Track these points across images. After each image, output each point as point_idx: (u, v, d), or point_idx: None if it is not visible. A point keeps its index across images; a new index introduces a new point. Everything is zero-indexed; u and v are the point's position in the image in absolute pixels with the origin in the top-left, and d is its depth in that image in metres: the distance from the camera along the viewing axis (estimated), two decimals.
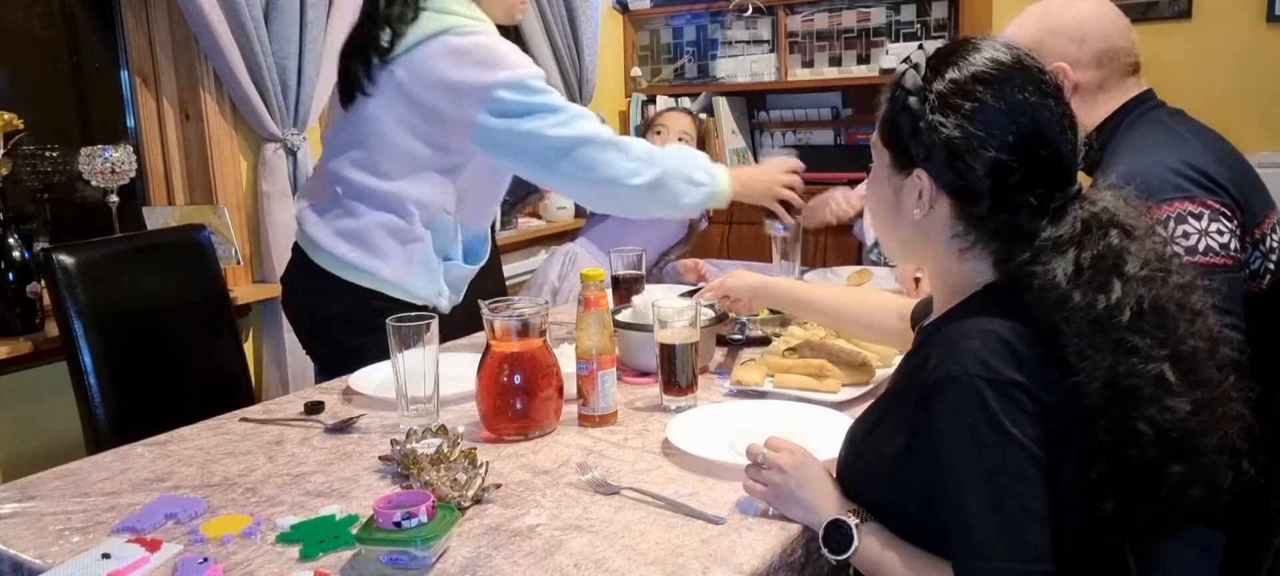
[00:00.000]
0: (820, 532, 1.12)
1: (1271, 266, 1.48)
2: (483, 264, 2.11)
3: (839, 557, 1.10)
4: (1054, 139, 1.04)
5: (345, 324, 1.91)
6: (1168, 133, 1.52)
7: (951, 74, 1.05)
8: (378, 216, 1.90)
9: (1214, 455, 1.01)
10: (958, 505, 0.98)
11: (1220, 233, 1.39)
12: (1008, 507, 0.96)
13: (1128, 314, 0.98)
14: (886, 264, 2.44)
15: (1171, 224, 1.39)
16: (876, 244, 2.52)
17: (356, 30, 1.91)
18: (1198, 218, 1.39)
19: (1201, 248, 1.38)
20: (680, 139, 2.80)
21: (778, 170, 2.00)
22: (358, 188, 1.90)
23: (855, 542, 1.09)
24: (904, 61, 1.10)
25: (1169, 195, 1.41)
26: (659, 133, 2.85)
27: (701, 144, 2.85)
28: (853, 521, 1.10)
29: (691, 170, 1.89)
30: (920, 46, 1.13)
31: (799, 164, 2.01)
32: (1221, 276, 1.37)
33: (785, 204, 2.03)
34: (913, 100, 1.06)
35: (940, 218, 1.08)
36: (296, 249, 2.02)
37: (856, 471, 1.17)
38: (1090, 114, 1.59)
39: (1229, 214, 1.41)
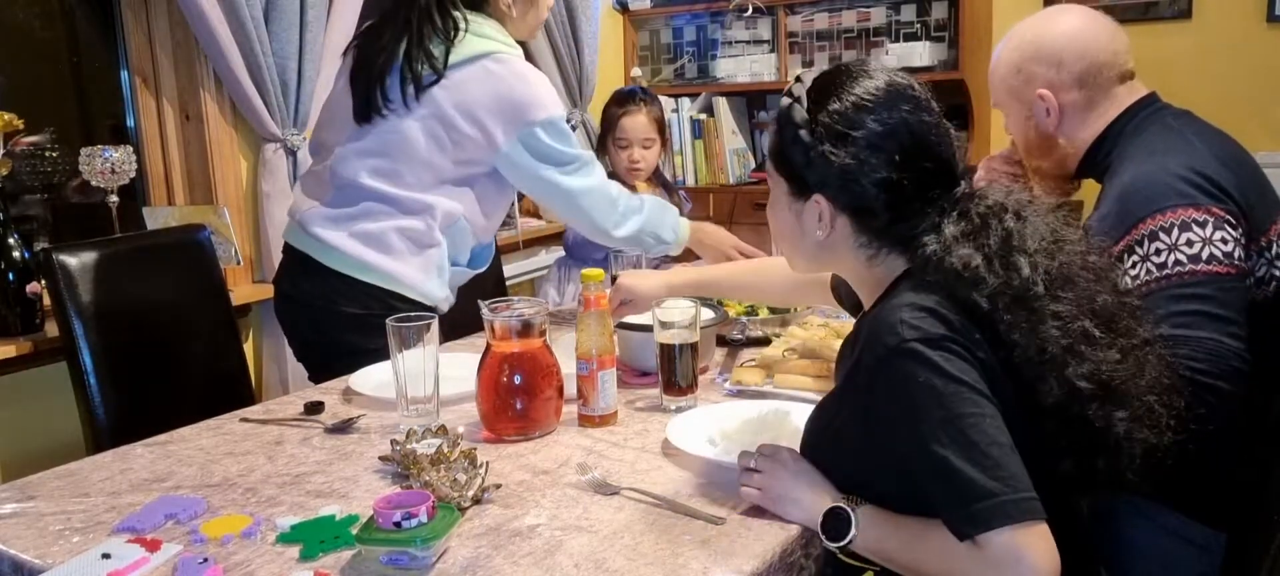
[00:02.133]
0: (819, 524, 1.13)
1: (1278, 273, 1.46)
2: (485, 269, 2.15)
3: (840, 544, 1.11)
4: (934, 148, 1.13)
5: (357, 324, 1.92)
6: (1174, 137, 1.50)
7: (834, 105, 1.13)
8: (398, 221, 1.93)
9: (1150, 394, 1.09)
10: (930, 461, 1.00)
11: (1224, 241, 1.37)
12: (977, 444, 0.99)
13: (1041, 284, 1.06)
14: None
15: (1176, 232, 1.37)
16: None
17: (371, 49, 1.92)
18: (1202, 225, 1.38)
19: (1205, 255, 1.36)
20: (644, 146, 2.74)
21: (730, 240, 2.19)
22: (379, 194, 1.92)
23: (853, 527, 1.10)
24: (787, 94, 1.18)
25: (1173, 202, 1.39)
26: (622, 146, 2.74)
27: (663, 134, 2.82)
28: (849, 507, 1.11)
29: (662, 229, 2.11)
30: (798, 78, 1.19)
31: (752, 250, 2.16)
32: (1225, 284, 1.35)
33: None
34: (802, 133, 1.14)
35: (843, 233, 1.17)
36: (293, 252, 2.02)
37: (824, 468, 1.19)
38: (1083, 130, 1.58)
39: (1233, 221, 1.39)
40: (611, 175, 2.79)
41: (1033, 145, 1.65)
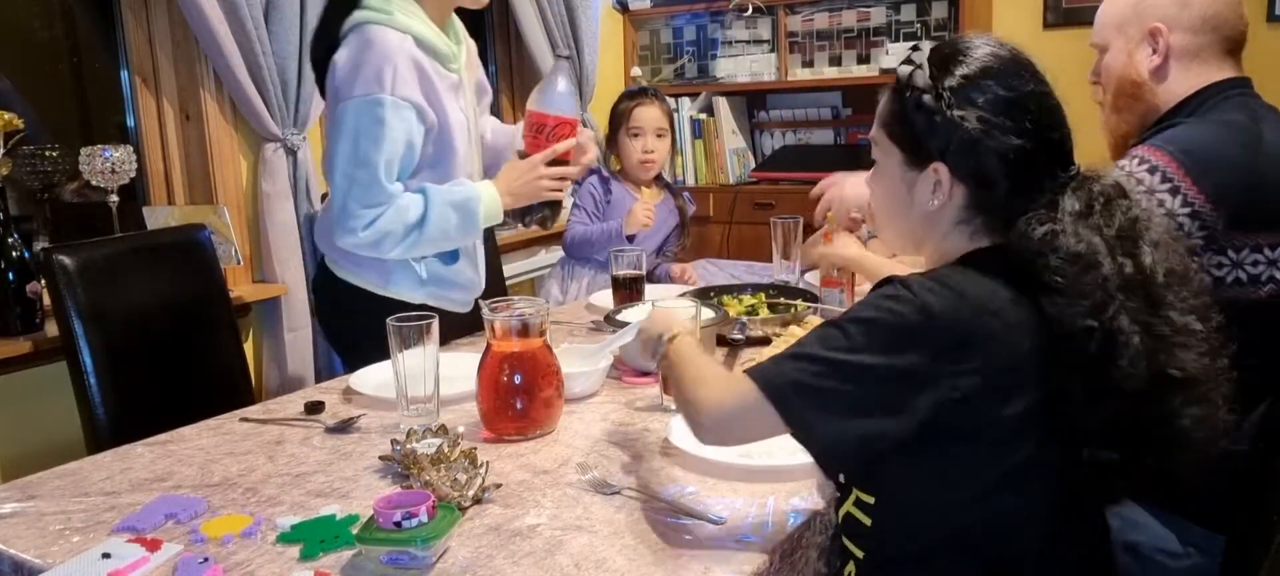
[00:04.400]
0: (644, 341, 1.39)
1: (1278, 275, 1.45)
2: (457, 265, 2.06)
3: (656, 355, 1.36)
4: (1060, 122, 1.12)
5: (366, 321, 1.93)
6: (1228, 118, 1.48)
7: (960, 70, 1.10)
8: None
9: (1221, 401, 1.08)
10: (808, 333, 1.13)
11: (1163, 203, 1.39)
12: (819, 357, 1.07)
13: (1161, 275, 1.05)
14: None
15: (1135, 161, 1.42)
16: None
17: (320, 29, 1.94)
18: (1152, 172, 1.42)
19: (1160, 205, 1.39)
20: (658, 135, 2.74)
21: (530, 166, 1.94)
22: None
23: (661, 347, 1.33)
24: (906, 63, 1.15)
25: (1169, 148, 1.43)
26: (634, 135, 2.73)
27: (672, 129, 2.81)
28: (669, 332, 1.34)
29: (451, 229, 1.89)
30: (916, 48, 1.17)
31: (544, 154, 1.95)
32: None
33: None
34: (927, 98, 1.11)
35: (955, 205, 1.13)
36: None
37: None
38: (1181, 82, 1.55)
39: (1196, 202, 1.40)
40: (619, 172, 2.78)
41: (1125, 86, 1.60)
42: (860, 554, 1.14)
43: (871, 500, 1.11)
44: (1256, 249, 1.44)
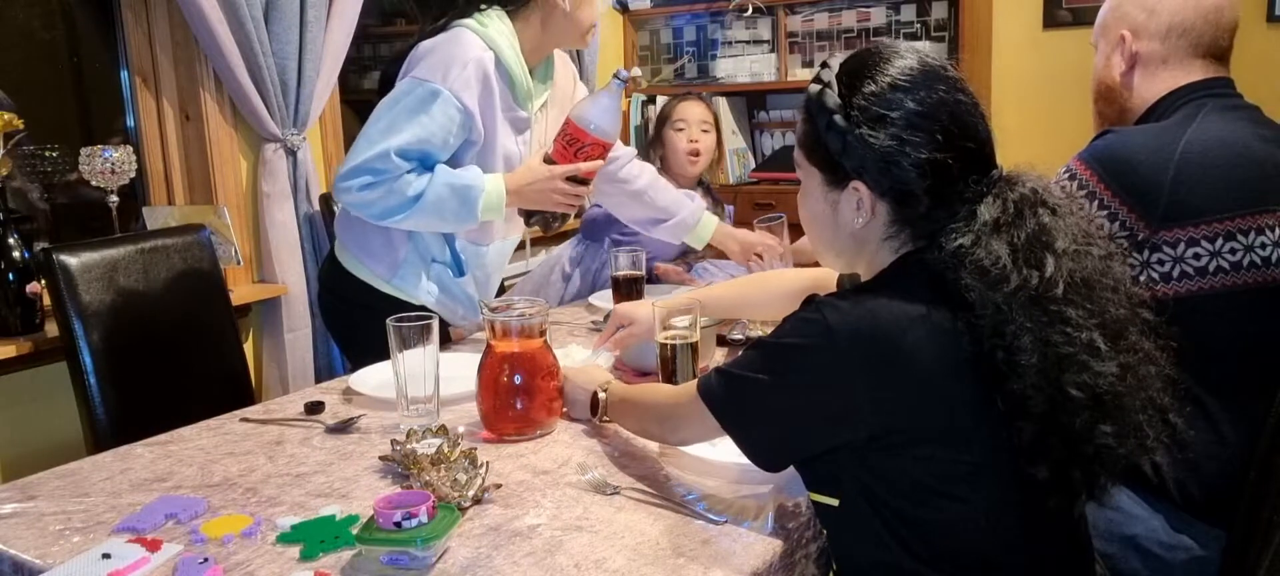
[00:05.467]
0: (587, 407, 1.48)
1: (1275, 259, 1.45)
2: (464, 279, 2.07)
3: (598, 416, 1.48)
4: (974, 127, 1.11)
5: (366, 314, 1.95)
6: (1176, 123, 1.48)
7: (869, 87, 1.10)
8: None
9: (1140, 414, 1.07)
10: (744, 354, 1.16)
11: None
12: (758, 382, 1.12)
13: (1061, 287, 1.03)
14: None
15: (1075, 185, 1.45)
16: None
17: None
18: (1072, 179, 1.46)
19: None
20: (702, 129, 2.71)
21: (548, 176, 1.92)
22: None
23: (601, 405, 1.46)
24: (815, 82, 1.16)
25: (1084, 156, 1.46)
26: (679, 128, 2.70)
27: (718, 129, 2.79)
28: (598, 388, 1.47)
29: (445, 212, 1.87)
30: (825, 65, 1.17)
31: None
32: None
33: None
34: (837, 118, 1.11)
35: (879, 221, 1.13)
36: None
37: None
38: (1149, 87, 1.56)
39: (1126, 220, 1.42)
40: (662, 170, 2.72)
41: (1101, 88, 1.64)
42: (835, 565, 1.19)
43: (834, 503, 1.13)
44: (1192, 242, 1.42)
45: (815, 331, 1.07)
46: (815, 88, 1.15)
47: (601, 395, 1.47)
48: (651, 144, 2.81)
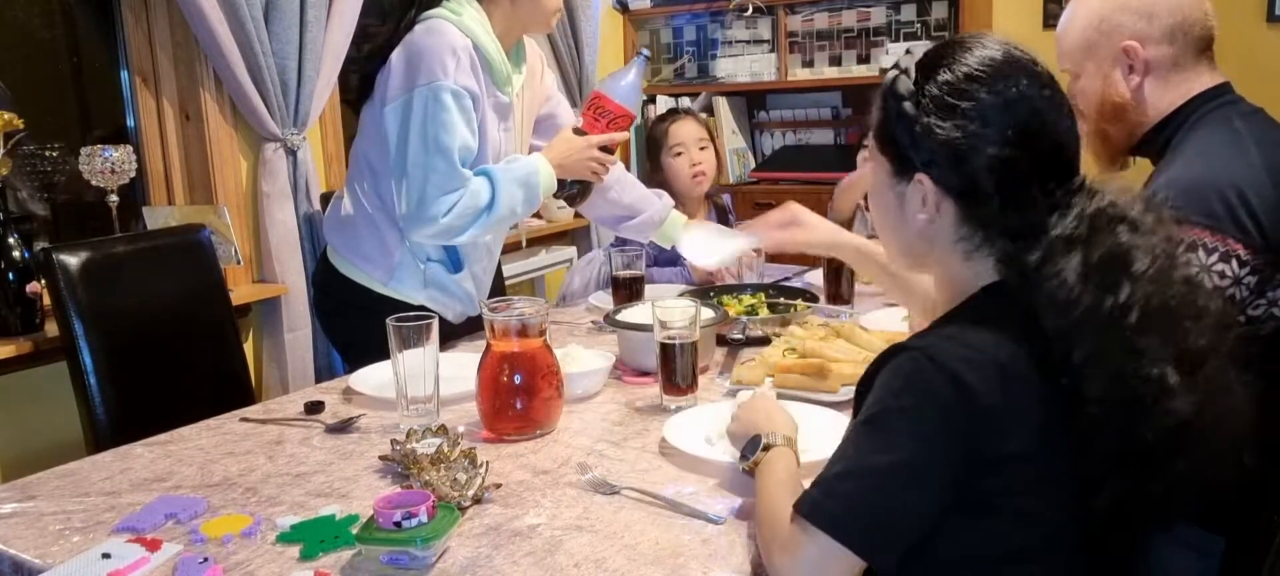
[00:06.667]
0: (743, 444, 1.23)
1: (1277, 314, 1.40)
2: (459, 276, 2.07)
3: (743, 463, 1.21)
4: (1054, 127, 1.03)
5: (364, 317, 1.94)
6: (1232, 142, 1.43)
7: (944, 76, 1.04)
8: (362, 213, 1.99)
9: (1215, 451, 1.00)
10: (842, 445, 1.02)
11: (1222, 275, 1.33)
12: (874, 466, 0.97)
13: (1135, 314, 0.96)
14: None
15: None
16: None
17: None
18: (1209, 252, 1.34)
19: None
20: (701, 147, 2.66)
21: (586, 145, 1.99)
22: (351, 187, 2.00)
23: (757, 451, 1.19)
24: (893, 67, 1.10)
25: (1196, 218, 1.34)
26: (677, 153, 2.64)
27: (713, 138, 2.76)
28: (769, 437, 1.19)
29: (517, 206, 1.92)
30: (908, 51, 1.11)
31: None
32: None
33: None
34: (907, 105, 1.05)
35: (946, 221, 1.07)
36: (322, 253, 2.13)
37: None
38: (1164, 96, 1.51)
39: (1244, 258, 1.35)
40: (674, 194, 2.70)
41: (1106, 109, 1.55)
42: None
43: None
44: None
45: (942, 382, 0.96)
46: (891, 73, 1.09)
47: (760, 448, 1.19)
48: (653, 173, 2.74)
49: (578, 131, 2.00)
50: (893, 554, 0.97)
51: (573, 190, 2.06)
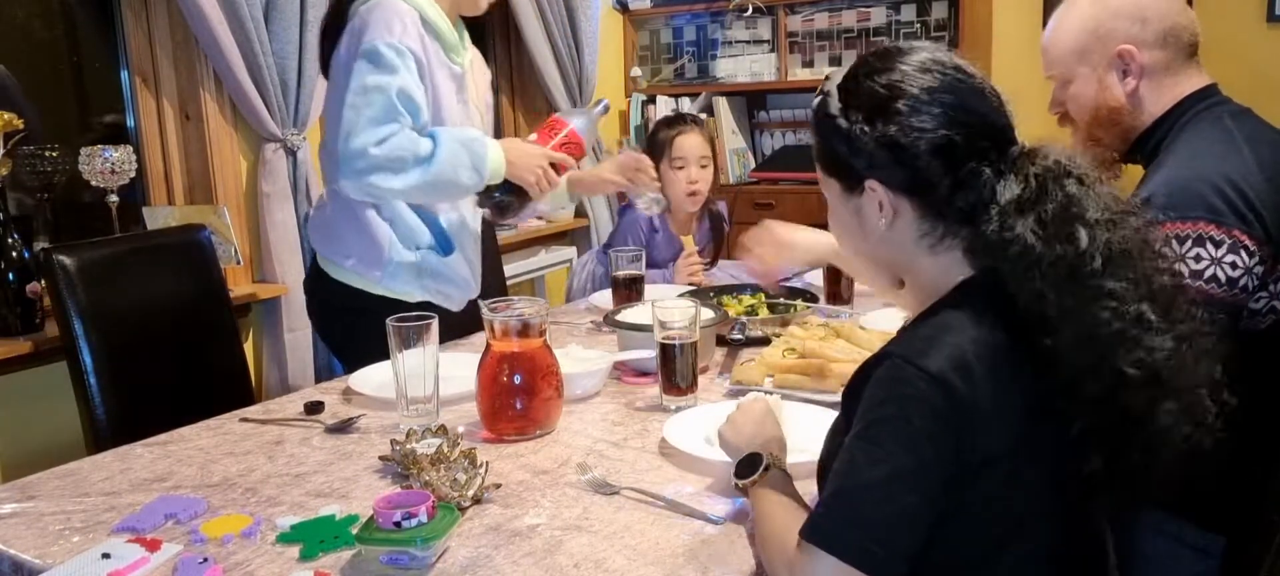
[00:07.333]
0: (736, 462, 1.19)
1: (1278, 307, 1.41)
2: (451, 259, 2.05)
3: (741, 482, 1.17)
4: (975, 105, 1.07)
5: (359, 321, 1.94)
6: (1223, 140, 1.44)
7: (867, 85, 1.08)
8: (344, 212, 1.95)
9: (1200, 388, 1.02)
10: (837, 464, 1.00)
11: (1234, 265, 1.34)
12: (870, 480, 0.97)
13: (1099, 259, 0.99)
14: None
15: (1189, 243, 1.35)
16: None
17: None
18: (1218, 245, 1.34)
19: (1207, 275, 1.33)
20: (701, 165, 2.63)
21: (540, 153, 1.98)
22: (330, 187, 1.96)
23: (754, 475, 1.15)
24: (817, 93, 1.13)
25: (1198, 213, 1.35)
26: (679, 166, 2.61)
27: (715, 155, 2.72)
28: (768, 457, 1.16)
29: (460, 173, 1.86)
30: (827, 77, 1.15)
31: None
32: (1209, 307, 1.32)
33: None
34: (840, 122, 1.09)
35: (906, 221, 1.09)
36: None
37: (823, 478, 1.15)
38: (1158, 99, 1.52)
39: (1252, 249, 1.35)
40: (666, 208, 2.70)
41: (1100, 113, 1.56)
42: None
43: None
44: None
45: (928, 386, 0.97)
46: (817, 99, 1.13)
47: (766, 458, 1.17)
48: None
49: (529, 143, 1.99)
50: (900, 564, 0.97)
51: (508, 198, 2.00)
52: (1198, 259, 1.34)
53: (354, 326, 1.95)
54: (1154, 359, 0.99)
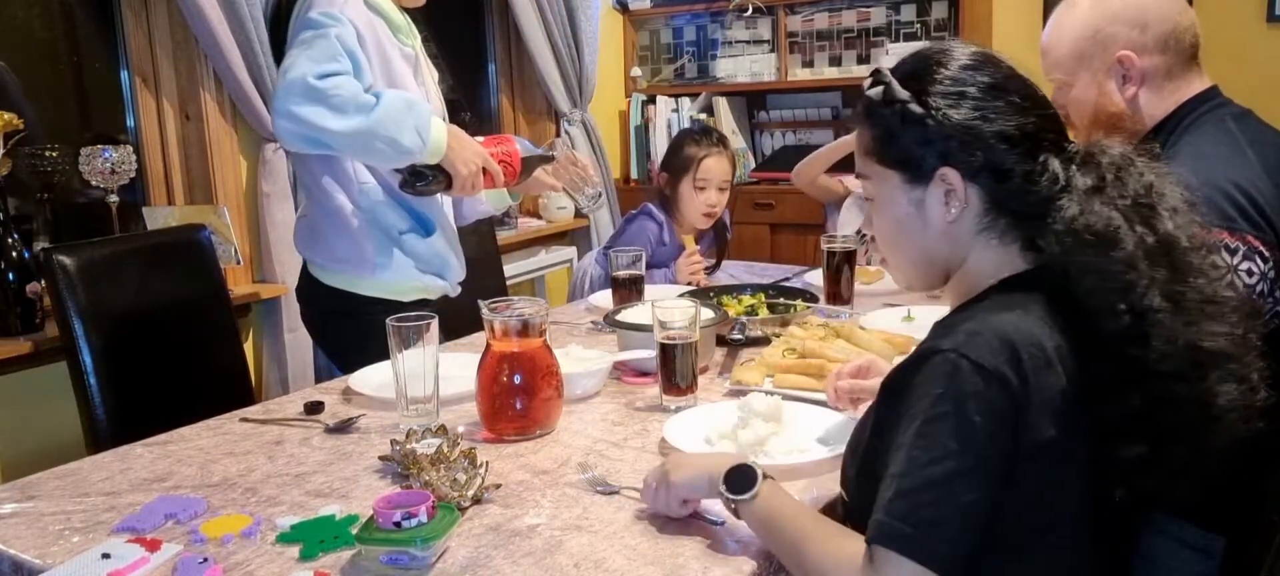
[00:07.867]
0: (722, 478, 1.12)
1: None
2: (432, 238, 2.03)
3: (738, 497, 1.10)
4: (1039, 96, 1.08)
5: (353, 323, 1.93)
6: (1228, 143, 1.43)
7: (939, 73, 1.07)
8: (324, 212, 1.94)
9: (1254, 374, 1.03)
10: (892, 462, 0.98)
11: (1249, 272, 1.33)
12: (932, 479, 0.95)
13: (1184, 239, 1.02)
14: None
15: None
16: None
17: None
18: (1233, 253, 1.33)
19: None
20: (720, 189, 2.61)
21: (479, 151, 1.91)
22: (307, 191, 1.96)
23: (757, 485, 1.09)
24: (874, 84, 1.10)
25: (1211, 220, 1.31)
26: (701, 187, 2.59)
27: (733, 180, 2.69)
28: (757, 466, 1.11)
29: (402, 133, 1.77)
30: (877, 70, 1.12)
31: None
32: None
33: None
34: (913, 106, 1.06)
35: (971, 213, 1.07)
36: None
37: (849, 468, 1.15)
38: (1159, 105, 1.51)
39: (1266, 254, 1.34)
40: (668, 211, 2.65)
41: (1100, 120, 1.55)
42: None
43: None
44: None
45: (985, 381, 0.96)
46: (876, 89, 1.09)
47: (758, 468, 1.12)
48: (666, 184, 2.68)
49: None
50: (964, 562, 0.96)
51: (437, 181, 1.90)
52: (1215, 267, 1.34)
53: (348, 330, 1.95)
54: (1231, 338, 1.01)
